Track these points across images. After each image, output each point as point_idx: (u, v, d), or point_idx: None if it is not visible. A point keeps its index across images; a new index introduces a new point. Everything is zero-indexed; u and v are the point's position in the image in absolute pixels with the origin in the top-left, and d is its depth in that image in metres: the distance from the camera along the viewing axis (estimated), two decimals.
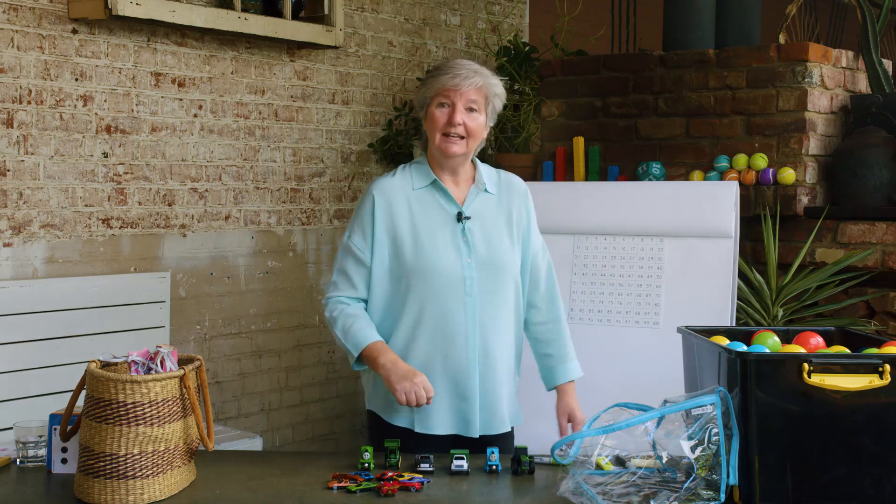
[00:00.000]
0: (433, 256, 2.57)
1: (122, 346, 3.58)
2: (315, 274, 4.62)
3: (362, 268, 2.61)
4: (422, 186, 2.64)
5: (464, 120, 2.57)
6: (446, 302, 2.56)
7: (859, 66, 4.48)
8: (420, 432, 2.59)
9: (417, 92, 2.69)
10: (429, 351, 2.58)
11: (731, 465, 2.04)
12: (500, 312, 2.63)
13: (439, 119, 2.58)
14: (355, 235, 2.62)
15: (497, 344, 2.62)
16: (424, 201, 2.63)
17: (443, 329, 2.57)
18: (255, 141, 4.32)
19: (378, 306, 2.62)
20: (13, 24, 3.53)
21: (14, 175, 3.57)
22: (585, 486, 2.05)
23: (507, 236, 2.67)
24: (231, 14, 3.92)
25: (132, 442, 2.05)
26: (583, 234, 3.91)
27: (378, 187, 2.64)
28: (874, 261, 3.97)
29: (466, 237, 2.61)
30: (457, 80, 2.55)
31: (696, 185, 4.06)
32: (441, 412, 2.59)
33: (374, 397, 2.69)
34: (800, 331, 2.38)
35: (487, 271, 2.60)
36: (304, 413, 4.65)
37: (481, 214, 2.65)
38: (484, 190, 2.68)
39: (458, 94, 2.56)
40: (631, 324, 3.75)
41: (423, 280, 2.56)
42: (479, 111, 2.60)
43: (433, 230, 2.60)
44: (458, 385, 2.59)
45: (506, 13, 5.46)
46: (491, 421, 2.63)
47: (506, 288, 2.64)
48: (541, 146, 4.83)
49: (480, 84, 2.58)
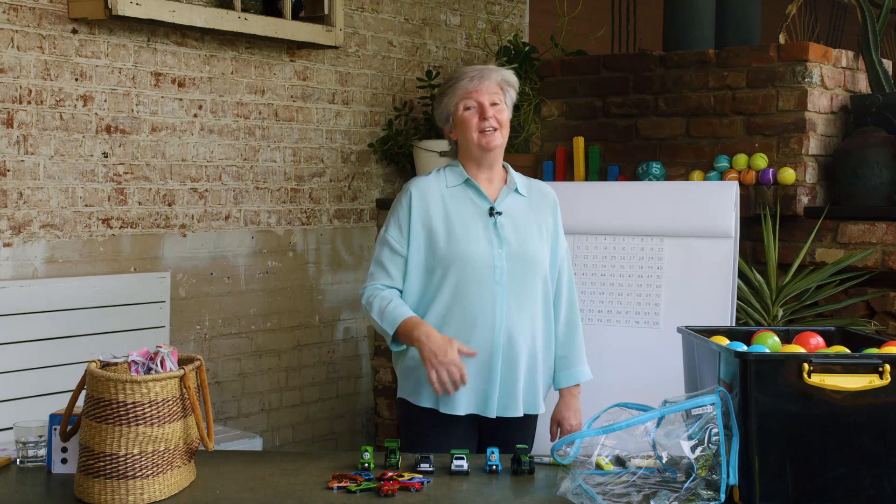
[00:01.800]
0: (466, 246, 2.71)
1: (122, 346, 3.58)
2: (315, 274, 4.62)
3: (398, 258, 2.76)
4: (456, 185, 2.80)
5: (493, 113, 2.73)
6: (476, 289, 2.70)
7: (859, 66, 4.48)
8: (444, 412, 2.73)
9: (437, 107, 2.84)
10: (456, 334, 2.69)
11: (731, 465, 2.04)
12: (528, 303, 2.76)
13: (470, 119, 2.75)
14: (392, 229, 2.78)
15: (522, 332, 2.75)
16: (458, 197, 2.79)
17: (471, 315, 2.70)
18: (255, 141, 4.32)
19: (412, 295, 2.76)
20: (13, 24, 3.53)
21: (14, 175, 3.57)
22: (585, 486, 2.05)
23: (538, 235, 2.81)
24: (231, 14, 3.92)
25: (132, 442, 2.05)
26: (583, 234, 3.91)
27: (414, 185, 2.82)
28: (874, 261, 3.97)
29: (498, 230, 2.75)
30: (475, 82, 2.74)
31: (696, 185, 4.06)
32: (464, 393, 2.71)
33: (403, 385, 2.82)
34: (800, 331, 2.38)
35: (517, 262, 2.74)
36: (304, 413, 4.65)
37: (512, 212, 2.80)
38: (515, 190, 2.82)
39: (481, 93, 2.74)
40: (631, 324, 3.75)
41: (455, 269, 2.70)
42: (501, 103, 2.77)
43: (466, 223, 2.75)
44: (480, 368, 2.72)
45: (506, 13, 5.46)
46: (508, 404, 2.76)
47: (534, 280, 2.78)
48: (541, 146, 4.83)
49: (499, 79, 2.77)
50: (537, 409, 2.83)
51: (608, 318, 3.78)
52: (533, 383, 2.80)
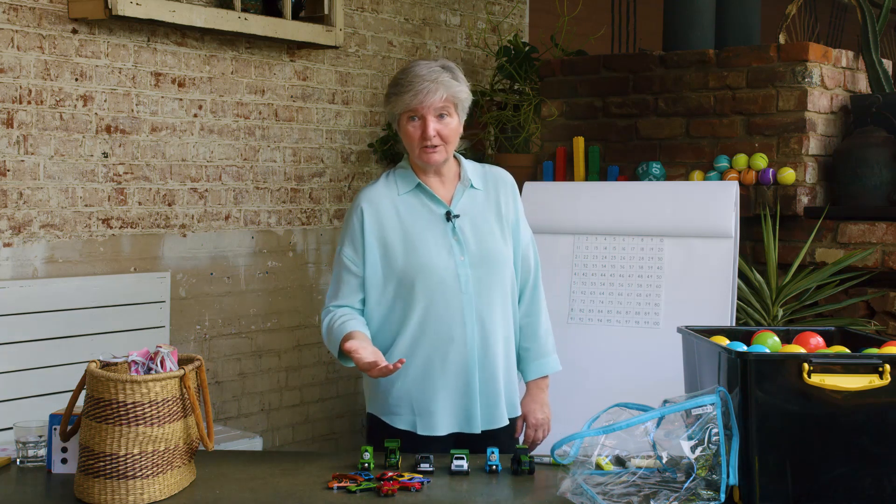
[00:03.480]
0: (426, 258, 2.56)
1: (122, 346, 3.58)
2: (315, 274, 4.62)
3: (354, 278, 2.61)
4: (407, 191, 2.64)
5: (437, 129, 2.56)
6: (443, 302, 2.56)
7: (859, 66, 4.48)
8: (423, 434, 2.59)
9: (385, 106, 2.68)
10: (430, 353, 2.57)
11: (731, 465, 2.04)
12: (496, 307, 2.63)
13: (413, 134, 2.58)
14: (346, 248, 2.63)
15: (495, 338, 2.62)
16: (411, 205, 2.63)
17: (442, 330, 2.56)
18: (255, 141, 4.32)
19: (375, 315, 2.62)
20: (13, 24, 3.53)
21: (14, 175, 3.57)
22: (585, 486, 2.05)
23: (499, 230, 2.67)
24: (231, 14, 3.92)
25: (132, 442, 2.05)
26: (583, 234, 3.91)
27: (364, 197, 2.64)
28: (874, 261, 3.97)
29: (458, 235, 2.60)
30: (419, 98, 2.54)
31: (696, 185, 4.06)
32: (443, 412, 2.59)
33: (374, 400, 2.69)
34: (800, 331, 2.38)
35: (481, 267, 2.60)
36: (304, 413, 4.65)
37: (470, 211, 2.65)
38: (470, 186, 2.67)
39: (425, 109, 2.55)
40: (631, 324, 3.75)
41: (417, 283, 2.55)
42: (450, 115, 2.59)
43: (423, 232, 2.60)
44: (458, 383, 2.59)
45: (506, 13, 5.46)
46: (492, 415, 2.63)
47: (501, 282, 2.64)
48: (541, 146, 4.83)
49: (445, 96, 2.56)
50: (516, 410, 2.73)
51: (608, 318, 3.78)
52: (511, 386, 2.70)
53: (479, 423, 2.61)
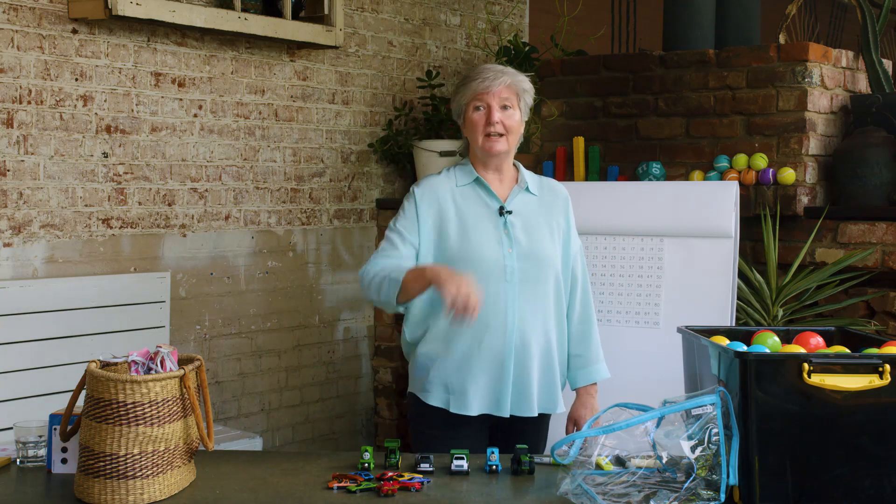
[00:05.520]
0: (476, 245, 2.70)
1: (122, 346, 3.58)
2: (315, 274, 4.62)
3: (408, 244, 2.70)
4: (465, 184, 2.78)
5: (500, 118, 2.70)
6: (487, 289, 2.64)
7: (859, 66, 4.48)
8: (455, 412, 2.71)
9: (452, 102, 2.82)
10: (469, 337, 2.69)
11: (731, 465, 2.04)
12: (539, 302, 2.74)
13: (478, 122, 2.72)
14: (401, 220, 2.74)
15: (534, 332, 2.73)
16: (468, 196, 2.77)
17: (483, 315, 2.63)
18: (255, 141, 4.32)
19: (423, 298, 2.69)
20: (13, 24, 3.53)
21: (14, 175, 3.57)
22: (585, 486, 2.05)
23: (548, 233, 2.79)
24: (231, 14, 3.92)
25: (132, 442, 2.05)
26: (583, 234, 3.89)
27: (424, 183, 2.80)
28: (874, 261, 3.97)
29: (508, 230, 2.73)
30: (486, 83, 2.70)
31: (696, 185, 4.06)
32: (475, 394, 2.71)
33: (414, 379, 2.81)
34: (800, 331, 2.38)
35: (528, 262, 2.72)
36: (304, 413, 4.65)
37: (523, 211, 2.78)
38: (526, 189, 2.80)
39: (491, 95, 2.70)
40: (631, 324, 3.75)
41: (466, 268, 2.63)
42: (513, 108, 2.73)
43: (476, 222, 2.73)
44: (493, 368, 2.71)
45: (506, 13, 5.46)
46: (521, 403, 2.74)
47: (546, 279, 2.76)
48: (541, 146, 4.83)
49: (509, 82, 2.71)
50: (554, 408, 2.82)
51: (608, 318, 3.78)
52: (548, 383, 2.79)
53: (509, 407, 2.72)
